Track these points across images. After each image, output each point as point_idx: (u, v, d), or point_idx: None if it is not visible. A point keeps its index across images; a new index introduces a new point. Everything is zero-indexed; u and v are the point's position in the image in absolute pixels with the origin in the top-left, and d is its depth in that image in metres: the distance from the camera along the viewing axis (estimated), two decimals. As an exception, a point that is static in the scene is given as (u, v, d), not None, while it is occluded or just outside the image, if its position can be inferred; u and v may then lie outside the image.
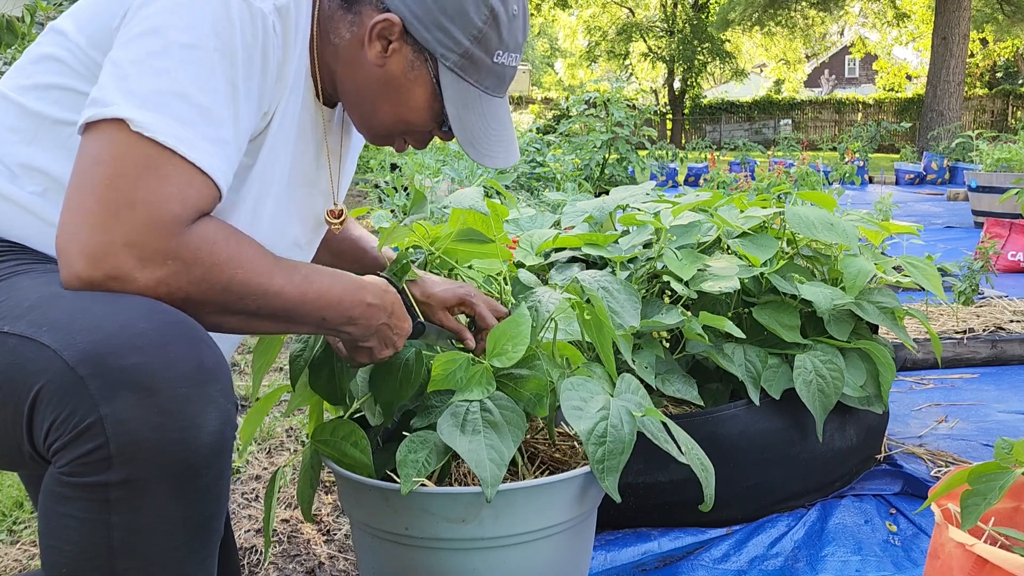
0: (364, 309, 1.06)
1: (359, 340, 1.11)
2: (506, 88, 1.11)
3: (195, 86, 0.87)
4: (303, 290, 0.96)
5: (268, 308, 0.93)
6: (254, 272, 0.91)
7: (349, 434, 1.25)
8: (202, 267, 0.86)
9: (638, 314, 1.46)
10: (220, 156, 0.89)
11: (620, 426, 1.22)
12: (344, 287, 1.03)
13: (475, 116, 1.07)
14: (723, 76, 28.81)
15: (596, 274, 1.50)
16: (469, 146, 1.07)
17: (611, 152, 7.85)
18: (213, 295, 0.88)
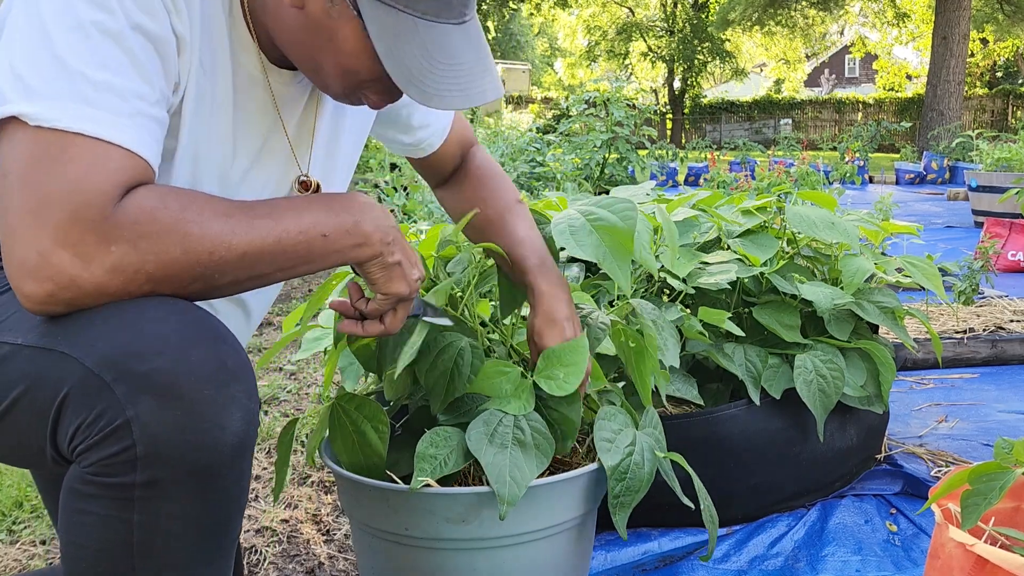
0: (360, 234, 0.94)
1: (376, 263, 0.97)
2: (456, 10, 0.92)
3: (87, 64, 0.80)
4: (270, 230, 0.87)
5: (242, 258, 0.84)
6: (209, 224, 0.82)
7: (372, 415, 1.23)
8: (149, 240, 0.79)
9: (678, 353, 1.46)
10: (133, 127, 0.82)
11: (642, 464, 1.25)
12: (318, 217, 0.91)
13: (413, 48, 0.89)
14: (723, 76, 28.83)
15: (647, 306, 1.45)
16: (409, 85, 0.89)
17: (611, 152, 7.85)
18: (177, 266, 0.81)
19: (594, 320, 1.33)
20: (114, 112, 0.81)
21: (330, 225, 0.91)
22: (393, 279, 0.99)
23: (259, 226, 0.86)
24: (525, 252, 1.24)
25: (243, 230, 0.84)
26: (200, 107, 0.94)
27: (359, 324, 1.05)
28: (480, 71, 0.93)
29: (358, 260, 0.95)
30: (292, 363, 2.93)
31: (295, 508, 1.84)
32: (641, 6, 26.67)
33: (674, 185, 11.12)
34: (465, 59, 0.92)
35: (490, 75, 0.95)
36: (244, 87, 0.99)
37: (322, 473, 2.01)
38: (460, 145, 1.39)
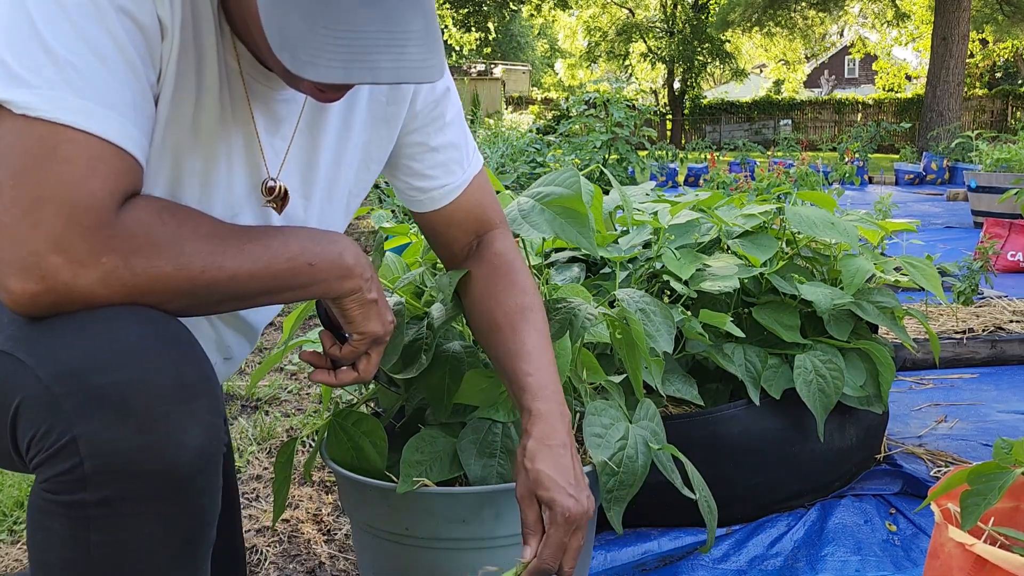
0: (343, 266, 0.93)
1: (355, 298, 0.95)
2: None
3: (73, 50, 0.76)
4: (260, 256, 0.85)
5: (232, 279, 0.83)
6: (203, 244, 0.81)
7: (371, 431, 1.24)
8: (143, 256, 0.78)
9: (672, 339, 1.43)
10: (123, 121, 0.79)
11: (635, 457, 1.24)
12: (305, 245, 0.90)
13: (294, 9, 0.77)
14: (723, 77, 28.84)
15: (635, 294, 1.46)
16: (281, 50, 0.77)
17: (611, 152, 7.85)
18: (167, 282, 0.79)
19: (581, 311, 1.33)
20: (104, 103, 0.77)
21: (316, 254, 0.90)
22: (370, 317, 0.97)
23: (249, 250, 0.85)
24: (528, 368, 1.08)
25: (234, 253, 0.83)
26: (180, 101, 0.89)
27: (332, 373, 1.03)
28: (384, 45, 0.79)
29: (340, 293, 0.93)
30: (293, 363, 2.93)
31: (296, 508, 1.84)
32: (641, 7, 26.68)
33: (674, 186, 11.12)
34: (365, 27, 0.78)
35: (402, 52, 0.79)
36: (226, 83, 0.93)
37: (323, 473, 2.01)
38: (475, 218, 1.19)
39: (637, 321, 1.30)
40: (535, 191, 1.28)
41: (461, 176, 1.17)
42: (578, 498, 0.98)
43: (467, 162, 1.18)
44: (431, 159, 1.15)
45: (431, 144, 1.14)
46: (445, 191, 1.16)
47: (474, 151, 1.21)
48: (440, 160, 1.15)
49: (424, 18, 0.81)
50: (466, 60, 29.24)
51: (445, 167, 1.16)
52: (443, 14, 24.71)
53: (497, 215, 1.22)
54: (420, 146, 1.14)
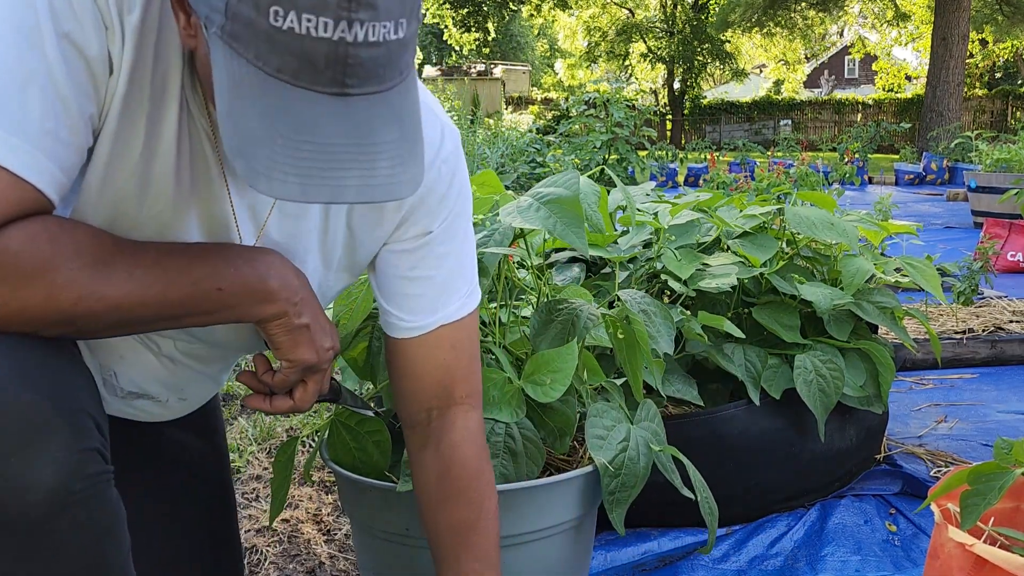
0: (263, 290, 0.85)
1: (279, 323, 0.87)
2: (326, 76, 0.69)
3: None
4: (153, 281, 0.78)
5: (115, 308, 0.77)
6: (81, 272, 0.74)
7: (374, 430, 1.24)
8: (6, 286, 0.72)
9: (672, 340, 1.42)
10: (34, 151, 0.72)
11: (636, 459, 1.24)
12: (217, 267, 0.82)
13: (251, 109, 0.69)
14: (723, 77, 28.84)
15: (637, 295, 1.46)
16: (237, 156, 0.69)
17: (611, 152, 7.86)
18: (35, 312, 0.73)
19: (583, 313, 1.33)
20: (13, 131, 0.71)
21: (227, 278, 0.82)
22: (299, 344, 0.88)
23: (141, 276, 0.78)
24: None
25: (120, 280, 0.76)
26: (125, 142, 0.82)
27: (267, 399, 0.94)
28: (351, 158, 0.70)
29: (258, 319, 0.86)
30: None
31: (295, 508, 1.84)
32: (641, 7, 26.67)
33: (674, 186, 11.12)
34: (331, 139, 0.69)
35: (370, 167, 0.71)
36: (186, 138, 0.86)
37: (323, 473, 2.01)
38: (436, 382, 1.04)
39: (640, 322, 1.30)
40: (536, 191, 1.29)
41: (424, 319, 1.02)
42: None
43: (443, 308, 1.02)
44: (401, 286, 1.02)
45: (406, 273, 1.02)
46: (404, 326, 1.02)
47: (462, 301, 1.04)
48: (410, 292, 1.02)
49: (400, 128, 0.73)
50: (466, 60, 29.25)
51: (411, 301, 1.02)
52: (443, 14, 24.72)
53: (466, 387, 1.06)
54: (394, 268, 1.02)
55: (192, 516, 1.20)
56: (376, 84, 0.71)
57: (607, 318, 1.36)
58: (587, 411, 1.29)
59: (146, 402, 1.08)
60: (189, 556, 1.19)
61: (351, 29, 0.67)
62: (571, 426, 1.26)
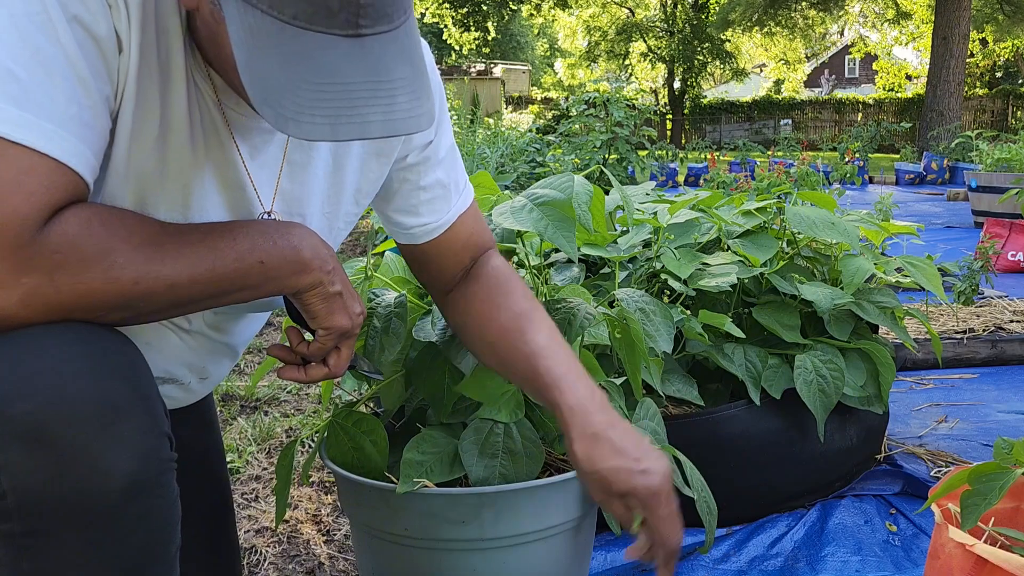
0: (299, 261, 0.89)
1: (316, 292, 0.91)
2: (341, 18, 0.72)
3: (16, 59, 0.72)
4: (202, 259, 0.81)
5: (172, 288, 0.79)
6: (137, 253, 0.77)
7: (371, 430, 1.24)
8: (68, 272, 0.73)
9: (671, 339, 1.42)
10: (66, 135, 0.74)
11: None
12: (256, 242, 0.85)
13: (272, 58, 0.72)
14: (723, 76, 28.82)
15: (635, 294, 1.46)
16: (263, 105, 0.72)
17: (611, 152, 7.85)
18: (97, 296, 0.75)
19: (580, 311, 1.33)
20: (45, 116, 0.73)
21: (268, 251, 0.85)
22: (334, 311, 0.93)
23: (190, 254, 0.80)
24: (546, 363, 1.04)
25: (172, 259, 0.79)
26: (142, 118, 0.84)
27: (301, 369, 0.98)
28: (371, 96, 0.74)
29: (297, 289, 0.89)
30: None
31: (295, 508, 1.84)
32: (641, 7, 26.67)
33: (674, 185, 11.12)
34: (350, 79, 0.73)
35: (389, 102, 0.75)
36: (196, 106, 0.88)
37: (322, 473, 2.01)
38: (465, 247, 1.16)
39: (636, 321, 1.30)
40: (530, 192, 1.29)
41: (446, 215, 1.13)
42: (649, 469, 0.97)
43: (456, 198, 1.14)
44: (418, 196, 1.11)
45: (420, 183, 1.11)
46: (430, 228, 1.12)
47: (464, 185, 1.17)
48: (427, 198, 1.11)
49: (411, 65, 0.77)
50: (466, 60, 29.25)
51: (430, 204, 1.12)
52: (443, 14, 24.72)
53: (488, 239, 1.20)
54: (408, 183, 1.11)
55: (189, 514, 1.19)
56: (387, 23, 0.74)
57: (606, 318, 1.36)
58: None
59: (171, 387, 1.09)
60: (186, 554, 1.18)
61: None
62: None
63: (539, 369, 1.04)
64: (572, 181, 1.26)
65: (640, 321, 1.37)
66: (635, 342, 1.30)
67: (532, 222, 1.22)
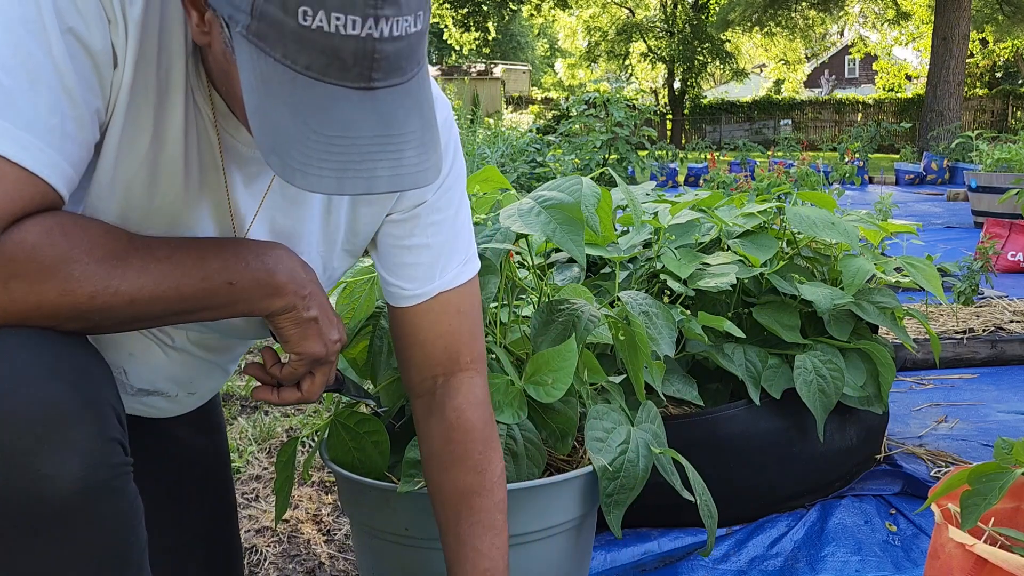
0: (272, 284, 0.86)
1: (288, 317, 0.89)
2: (354, 72, 0.71)
3: (4, 67, 0.72)
4: (166, 276, 0.79)
5: (131, 303, 0.77)
6: (97, 267, 0.75)
7: (372, 432, 1.24)
8: (23, 281, 0.72)
9: (674, 343, 1.42)
10: (43, 146, 0.73)
11: (636, 461, 1.24)
12: (228, 262, 0.83)
13: (282, 107, 0.71)
14: (723, 76, 28.83)
15: (638, 296, 1.46)
16: (271, 153, 0.71)
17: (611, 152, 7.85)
18: (51, 307, 0.74)
19: (585, 313, 1.33)
20: (23, 125, 0.72)
21: (238, 272, 0.84)
22: (308, 337, 0.90)
23: (155, 270, 0.79)
24: (468, 566, 1.02)
25: (135, 274, 0.77)
26: (133, 134, 0.83)
27: (275, 391, 0.96)
28: (379, 150, 0.73)
29: (269, 311, 0.87)
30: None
31: (295, 508, 1.84)
32: (641, 7, 26.67)
33: (674, 186, 11.13)
34: (360, 132, 0.72)
35: (398, 156, 0.74)
36: (194, 126, 0.87)
37: (322, 473, 2.01)
38: (441, 348, 1.06)
39: (640, 324, 1.30)
40: (539, 194, 1.29)
41: (424, 286, 1.04)
42: None
43: (440, 274, 1.04)
44: (399, 256, 1.04)
45: (403, 242, 1.04)
46: (405, 294, 1.04)
47: (462, 265, 1.06)
48: (408, 260, 1.04)
49: (420, 117, 0.76)
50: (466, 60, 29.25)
51: (409, 269, 1.04)
52: (443, 14, 24.72)
53: (471, 352, 1.08)
54: (391, 237, 1.05)
55: (192, 515, 1.20)
56: (399, 76, 0.73)
57: (608, 319, 1.36)
58: (587, 413, 1.29)
59: (156, 398, 1.08)
60: (190, 555, 1.19)
61: (377, 25, 0.69)
62: (572, 427, 1.26)
63: (462, 563, 1.02)
64: (580, 184, 1.26)
65: (643, 324, 1.37)
66: (639, 345, 1.30)
67: (540, 225, 1.22)
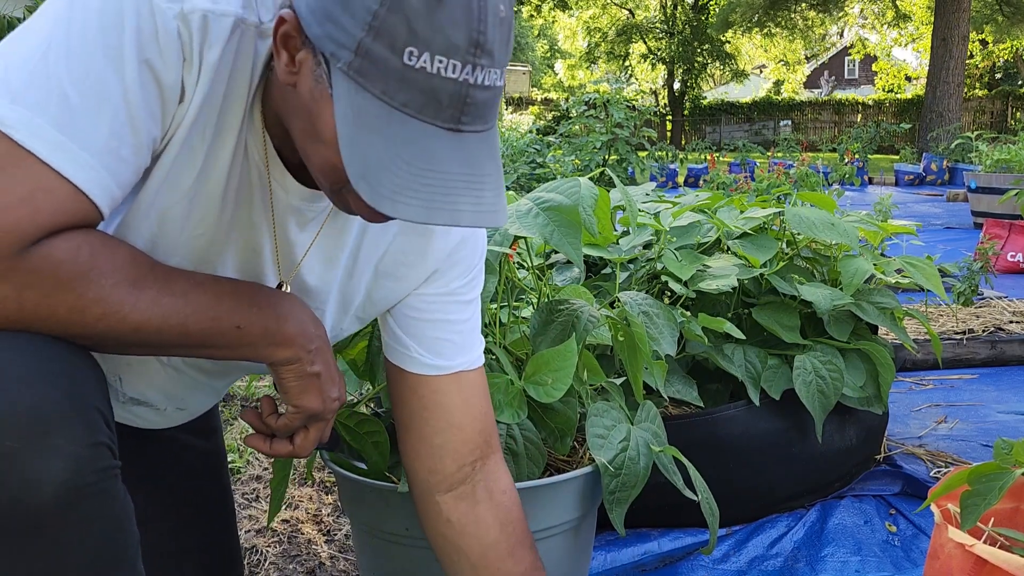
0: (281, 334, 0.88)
1: (292, 368, 0.90)
2: (447, 114, 0.75)
3: (74, 85, 0.75)
4: (177, 311, 0.80)
5: (135, 331, 0.79)
6: (112, 290, 0.77)
7: (373, 432, 1.24)
8: (37, 292, 0.74)
9: (675, 342, 1.42)
10: (96, 166, 0.75)
11: (637, 459, 1.24)
12: (240, 305, 0.85)
13: (376, 138, 0.74)
14: (723, 77, 28.84)
15: (638, 296, 1.46)
16: (360, 179, 0.74)
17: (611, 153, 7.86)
18: (57, 320, 0.75)
19: (584, 313, 1.33)
20: (81, 143, 0.75)
21: (248, 317, 0.85)
22: (307, 391, 0.91)
23: (167, 303, 0.80)
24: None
25: (146, 305, 0.79)
26: (180, 167, 0.85)
27: (268, 441, 0.96)
28: (464, 187, 0.77)
29: (273, 360, 0.88)
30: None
31: (296, 508, 1.85)
32: (641, 8, 26.67)
33: (674, 186, 11.13)
34: (448, 169, 0.76)
35: (479, 195, 0.77)
36: (238, 169, 0.89)
37: (323, 473, 2.01)
38: (481, 428, 1.06)
39: (639, 324, 1.30)
40: (537, 196, 1.29)
41: (452, 360, 1.05)
42: None
43: (466, 352, 1.06)
44: (423, 328, 1.05)
45: (433, 317, 1.05)
46: (429, 363, 1.04)
47: (477, 348, 1.08)
48: (435, 335, 1.05)
49: (495, 163, 0.80)
50: (466, 61, 29.15)
51: (435, 344, 1.05)
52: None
53: (496, 434, 1.09)
54: (414, 309, 1.05)
55: (191, 516, 1.20)
56: (483, 123, 0.78)
57: (608, 320, 1.36)
58: (587, 411, 1.29)
59: (145, 409, 1.08)
60: (188, 556, 1.19)
61: (474, 72, 0.75)
62: (572, 427, 1.26)
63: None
64: (578, 186, 1.26)
65: (643, 324, 1.37)
66: (638, 345, 1.30)
67: (538, 227, 1.22)
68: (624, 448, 1.25)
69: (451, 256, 1.04)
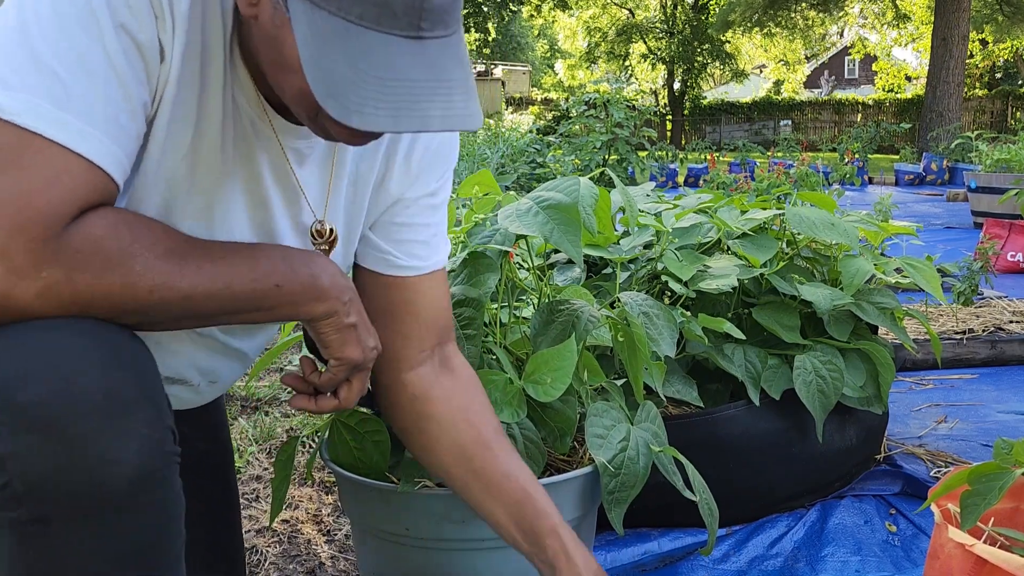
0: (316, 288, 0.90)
1: (330, 322, 0.92)
2: (403, 21, 0.77)
3: (62, 61, 0.75)
4: (220, 275, 0.82)
5: (186, 300, 0.80)
6: (157, 262, 0.78)
7: (374, 432, 1.24)
8: (87, 272, 0.75)
9: (674, 343, 1.43)
10: (103, 137, 0.77)
11: (636, 459, 1.24)
12: (276, 265, 0.87)
13: (337, 55, 0.75)
14: (723, 77, 28.84)
15: (638, 297, 1.46)
16: (327, 97, 0.75)
17: (611, 153, 7.85)
18: (113, 299, 0.76)
19: (584, 313, 1.33)
20: (83, 117, 0.75)
21: (286, 275, 0.87)
22: (348, 342, 0.93)
23: (209, 269, 0.82)
24: (548, 507, 1.08)
25: (192, 272, 0.80)
26: (177, 127, 0.86)
27: (312, 399, 0.99)
28: (431, 93, 0.78)
29: (312, 316, 0.90)
30: (294, 364, 2.93)
31: (296, 508, 1.85)
32: (641, 8, 26.67)
33: (674, 186, 11.13)
34: (411, 76, 0.77)
35: (448, 100, 0.79)
36: (231, 117, 0.90)
37: (323, 473, 2.01)
38: (440, 318, 1.14)
39: (639, 324, 1.30)
40: (536, 195, 1.29)
41: (424, 261, 1.11)
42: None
43: (436, 252, 1.12)
44: (398, 233, 1.10)
45: (407, 220, 1.10)
46: (400, 263, 1.10)
47: (445, 245, 1.15)
48: (407, 238, 1.10)
49: (462, 68, 0.81)
50: (466, 60, 29.17)
51: (407, 245, 1.10)
52: (443, 14, 24.65)
53: (452, 326, 1.17)
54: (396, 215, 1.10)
55: (195, 513, 1.19)
56: (443, 29, 0.80)
57: (608, 320, 1.36)
58: (587, 411, 1.29)
59: (180, 388, 1.09)
60: (191, 553, 1.19)
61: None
62: (572, 426, 1.26)
63: (536, 510, 1.07)
64: (578, 184, 1.26)
65: (643, 325, 1.37)
66: (637, 346, 1.30)
67: (538, 226, 1.22)
68: (623, 448, 1.25)
69: (431, 156, 1.08)
